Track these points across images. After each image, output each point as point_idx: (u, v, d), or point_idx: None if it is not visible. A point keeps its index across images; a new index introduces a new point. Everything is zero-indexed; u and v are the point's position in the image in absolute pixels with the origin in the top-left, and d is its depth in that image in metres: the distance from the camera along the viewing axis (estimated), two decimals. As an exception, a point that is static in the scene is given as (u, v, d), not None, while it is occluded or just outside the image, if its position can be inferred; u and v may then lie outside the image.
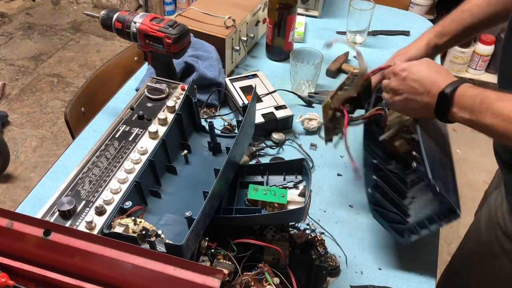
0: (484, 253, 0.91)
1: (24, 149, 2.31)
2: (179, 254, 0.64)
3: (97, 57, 2.91)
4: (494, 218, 0.89)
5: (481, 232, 0.93)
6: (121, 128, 0.87)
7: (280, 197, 0.78)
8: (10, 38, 3.04)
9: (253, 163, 1.04)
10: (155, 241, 0.66)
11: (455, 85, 0.75)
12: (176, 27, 0.99)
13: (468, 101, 0.73)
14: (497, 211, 0.89)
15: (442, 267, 1.04)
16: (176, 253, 0.64)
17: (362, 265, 0.87)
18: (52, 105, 2.56)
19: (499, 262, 0.88)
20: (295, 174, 0.84)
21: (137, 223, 0.69)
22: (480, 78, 2.65)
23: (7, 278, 0.62)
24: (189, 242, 0.65)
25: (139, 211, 0.74)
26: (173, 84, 0.97)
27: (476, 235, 0.95)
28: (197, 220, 0.66)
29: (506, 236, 0.86)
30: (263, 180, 0.86)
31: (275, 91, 1.19)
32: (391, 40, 1.51)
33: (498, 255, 0.88)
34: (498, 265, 0.88)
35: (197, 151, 0.90)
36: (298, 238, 0.85)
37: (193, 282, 0.57)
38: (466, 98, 0.74)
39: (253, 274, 0.72)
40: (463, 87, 0.75)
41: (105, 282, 0.61)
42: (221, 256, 0.73)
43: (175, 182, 0.84)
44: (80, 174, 0.78)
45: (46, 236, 0.60)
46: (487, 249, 0.90)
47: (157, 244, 0.66)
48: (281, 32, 1.33)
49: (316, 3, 1.56)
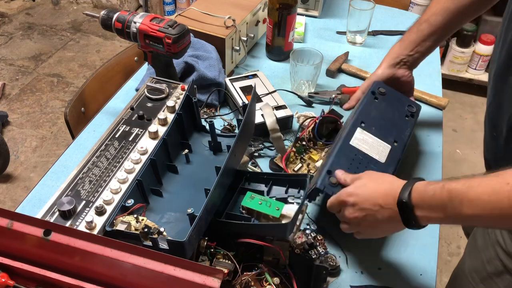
0: (486, 271, 0.88)
1: (24, 149, 2.31)
2: (182, 251, 0.64)
3: (97, 57, 2.91)
4: (491, 235, 0.87)
5: (478, 249, 0.90)
6: (121, 128, 0.87)
7: (274, 209, 0.75)
8: (10, 38, 3.04)
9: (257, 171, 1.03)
10: (158, 238, 0.67)
11: (408, 187, 0.71)
12: (176, 27, 0.99)
13: (434, 200, 0.68)
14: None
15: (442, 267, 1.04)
16: (178, 249, 0.64)
17: (362, 265, 0.87)
18: (52, 105, 2.56)
19: (503, 280, 0.85)
20: (298, 188, 0.82)
21: (139, 221, 0.70)
22: (480, 78, 2.65)
23: (7, 278, 0.62)
24: (191, 238, 0.65)
25: (141, 209, 0.75)
26: (173, 84, 0.98)
27: (475, 252, 0.92)
28: (199, 217, 0.67)
29: (507, 255, 0.83)
30: (264, 189, 0.84)
31: (275, 91, 1.19)
32: (391, 40, 1.51)
33: (501, 272, 0.85)
34: (502, 283, 0.85)
35: (197, 150, 0.90)
36: (298, 238, 0.85)
37: (193, 282, 0.57)
38: (429, 197, 0.68)
39: (253, 274, 0.72)
40: (418, 186, 0.70)
41: (105, 282, 0.61)
42: (220, 256, 0.73)
43: (176, 181, 0.84)
44: (80, 174, 0.78)
45: (46, 236, 0.60)
46: (489, 267, 0.87)
47: (160, 241, 0.67)
48: (281, 32, 1.33)
49: (316, 3, 1.56)
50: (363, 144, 0.91)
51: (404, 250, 0.90)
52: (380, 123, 0.96)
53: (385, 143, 0.93)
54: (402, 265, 0.88)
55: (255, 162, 1.05)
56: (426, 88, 1.30)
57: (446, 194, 0.66)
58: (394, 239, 0.91)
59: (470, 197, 0.64)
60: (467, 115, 2.64)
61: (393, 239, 0.91)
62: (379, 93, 1.01)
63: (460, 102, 2.71)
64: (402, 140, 0.95)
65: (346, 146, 0.89)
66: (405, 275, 0.86)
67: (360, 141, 0.91)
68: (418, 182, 0.71)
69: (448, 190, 0.66)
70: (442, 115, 1.23)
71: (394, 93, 1.03)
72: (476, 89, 2.70)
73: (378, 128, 0.95)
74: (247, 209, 0.77)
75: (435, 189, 0.68)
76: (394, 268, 0.87)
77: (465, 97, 2.74)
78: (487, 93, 0.91)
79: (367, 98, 0.99)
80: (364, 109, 0.97)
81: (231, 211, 0.80)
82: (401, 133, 0.96)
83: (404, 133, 0.96)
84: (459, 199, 0.65)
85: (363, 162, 0.88)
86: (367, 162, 0.88)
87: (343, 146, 0.89)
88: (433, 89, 1.30)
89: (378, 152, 0.91)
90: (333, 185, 0.83)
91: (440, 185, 0.68)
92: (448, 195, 0.66)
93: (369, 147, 0.91)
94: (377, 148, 0.91)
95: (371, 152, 0.90)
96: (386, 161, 0.90)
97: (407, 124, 0.98)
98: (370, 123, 0.95)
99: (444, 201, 0.66)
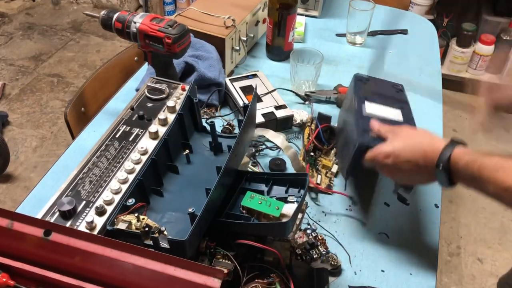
0: None
1: (24, 149, 2.31)
2: (182, 250, 0.64)
3: (97, 57, 2.91)
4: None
5: None
6: (121, 128, 0.87)
7: (274, 209, 0.75)
8: (10, 38, 3.04)
9: (258, 170, 1.04)
10: (158, 237, 0.67)
11: (447, 153, 0.74)
12: (176, 27, 0.99)
13: (465, 171, 0.72)
14: None
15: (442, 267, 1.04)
16: (179, 248, 0.64)
17: (362, 265, 0.87)
18: (52, 105, 2.56)
19: None
20: (298, 187, 0.82)
21: (140, 220, 0.70)
22: (480, 78, 2.64)
23: (8, 278, 0.62)
24: (192, 237, 0.65)
25: (142, 209, 0.75)
26: (173, 84, 0.98)
27: None
28: (200, 216, 0.67)
29: None
30: (264, 189, 0.84)
31: (274, 90, 1.20)
32: (390, 40, 1.51)
33: None
34: None
35: (198, 151, 0.90)
36: (300, 238, 0.85)
37: (193, 282, 0.57)
38: (462, 167, 0.72)
39: (264, 283, 0.72)
40: (456, 153, 0.74)
41: (106, 282, 0.61)
42: (220, 256, 0.72)
43: (177, 181, 0.84)
44: (81, 174, 0.78)
45: (46, 236, 0.60)
46: None
47: (160, 240, 0.67)
48: (281, 32, 1.33)
49: (316, 3, 1.56)
50: (377, 112, 0.92)
51: (404, 250, 0.90)
52: (380, 98, 0.97)
53: (394, 108, 0.95)
54: (402, 265, 0.88)
55: (256, 162, 1.05)
56: (426, 87, 1.30)
57: (477, 169, 0.70)
58: (394, 239, 0.91)
59: (496, 178, 0.67)
60: (467, 115, 2.64)
61: (393, 239, 0.91)
62: (364, 79, 1.03)
63: (460, 102, 2.71)
64: (407, 106, 0.97)
65: (363, 117, 0.90)
66: (405, 275, 0.86)
67: (373, 110, 0.93)
68: (457, 148, 0.74)
69: (479, 166, 0.69)
70: (442, 115, 1.23)
71: (375, 79, 1.06)
72: (476, 89, 2.70)
73: (380, 101, 0.96)
74: (247, 208, 0.77)
75: (469, 161, 0.71)
76: (394, 268, 0.87)
77: (465, 97, 2.74)
78: None
79: (356, 84, 1.00)
80: (359, 91, 0.98)
81: (231, 211, 0.80)
82: (402, 102, 0.98)
83: (405, 101, 0.99)
84: (486, 176, 0.68)
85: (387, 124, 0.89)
86: (389, 123, 0.89)
87: (358, 117, 0.90)
88: (433, 89, 1.30)
89: (393, 115, 0.93)
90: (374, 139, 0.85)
91: (474, 157, 0.71)
92: (478, 170, 0.69)
93: (383, 113, 0.92)
94: (390, 112, 0.93)
95: (387, 115, 0.92)
96: (404, 120, 0.92)
97: (401, 96, 1.01)
98: (372, 98, 0.97)
99: (474, 174, 0.70)
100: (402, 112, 0.95)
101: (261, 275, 0.75)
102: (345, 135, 0.96)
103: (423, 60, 1.42)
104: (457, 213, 2.08)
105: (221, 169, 0.74)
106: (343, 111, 1.09)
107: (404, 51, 1.46)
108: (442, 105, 1.26)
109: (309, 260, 0.84)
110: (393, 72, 1.36)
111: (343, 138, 1.00)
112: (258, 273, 0.76)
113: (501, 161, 0.68)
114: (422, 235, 0.93)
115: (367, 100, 0.95)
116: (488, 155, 0.70)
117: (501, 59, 2.56)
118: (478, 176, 0.69)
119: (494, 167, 0.68)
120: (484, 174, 0.69)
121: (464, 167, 0.72)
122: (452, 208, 2.07)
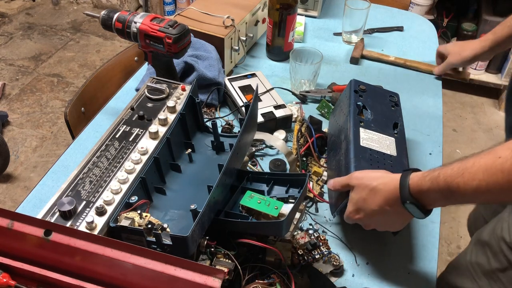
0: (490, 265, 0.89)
1: (24, 149, 2.31)
2: (185, 246, 0.65)
3: (97, 57, 2.91)
4: (497, 231, 0.87)
5: (483, 244, 0.91)
6: (121, 128, 0.87)
7: (273, 208, 0.75)
8: (10, 38, 3.04)
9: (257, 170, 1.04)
10: (161, 234, 0.67)
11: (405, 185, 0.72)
12: (177, 27, 0.99)
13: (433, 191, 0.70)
14: (503, 224, 0.87)
15: (442, 267, 1.03)
16: (181, 245, 0.65)
17: (362, 265, 0.87)
18: (52, 105, 2.56)
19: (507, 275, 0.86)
20: (299, 188, 0.82)
21: (142, 217, 0.70)
22: (480, 78, 2.64)
23: (9, 278, 0.62)
24: (194, 234, 0.65)
25: (145, 206, 0.75)
26: (173, 84, 0.98)
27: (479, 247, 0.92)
28: (202, 212, 0.67)
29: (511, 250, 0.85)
30: (265, 189, 0.84)
31: (272, 88, 1.20)
32: (387, 37, 1.51)
33: (505, 268, 0.86)
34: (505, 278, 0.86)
35: (200, 150, 0.91)
36: (301, 238, 0.85)
37: (194, 282, 0.57)
38: (427, 190, 0.70)
39: (264, 283, 0.72)
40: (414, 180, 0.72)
41: (106, 282, 0.61)
42: (221, 255, 0.73)
43: (180, 180, 0.84)
44: (81, 174, 0.78)
45: (46, 236, 0.61)
46: (494, 262, 0.88)
47: (163, 237, 0.67)
48: (281, 32, 1.33)
49: (315, 3, 1.56)
50: (371, 142, 0.92)
51: (405, 250, 0.90)
52: (375, 119, 0.97)
53: (388, 136, 0.94)
54: (402, 266, 0.88)
55: (255, 161, 1.06)
56: (426, 87, 1.30)
57: (443, 183, 0.68)
58: (394, 239, 0.91)
59: (466, 179, 0.65)
60: (467, 115, 2.64)
61: (393, 239, 0.91)
62: (360, 90, 1.02)
63: (460, 102, 2.71)
64: (401, 130, 0.97)
65: (359, 148, 0.89)
66: (405, 275, 0.86)
67: (368, 140, 0.92)
68: (413, 176, 0.73)
69: (444, 178, 0.68)
70: (442, 114, 1.23)
71: (372, 87, 1.05)
72: (476, 89, 2.70)
73: (375, 124, 0.96)
74: (246, 208, 0.77)
75: (431, 180, 0.70)
76: (394, 268, 0.87)
77: (465, 97, 2.74)
78: None
79: (353, 98, 0.99)
80: (355, 109, 0.97)
81: (230, 210, 0.80)
82: (396, 124, 0.98)
83: (399, 122, 0.99)
84: (456, 183, 0.66)
85: (380, 160, 0.89)
86: (383, 159, 0.89)
87: (356, 148, 0.89)
88: (433, 89, 1.30)
89: (387, 147, 0.92)
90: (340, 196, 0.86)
91: (435, 174, 0.69)
92: (445, 183, 0.68)
93: (377, 144, 0.92)
94: (384, 143, 0.92)
95: (381, 148, 0.91)
96: (397, 153, 0.91)
97: (396, 114, 1.01)
98: (367, 121, 0.96)
99: (442, 189, 0.68)
100: (395, 141, 0.93)
101: (261, 276, 0.75)
102: (337, 159, 0.94)
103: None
104: (457, 213, 2.08)
105: (223, 167, 0.74)
106: (336, 119, 1.06)
107: (404, 51, 1.46)
108: (442, 105, 1.26)
109: (311, 261, 0.84)
110: (392, 73, 1.36)
111: (333, 155, 0.99)
112: (258, 273, 0.76)
113: (460, 164, 0.67)
114: (422, 235, 0.93)
115: (362, 126, 0.94)
116: (445, 166, 0.69)
117: (500, 59, 2.56)
118: (447, 189, 0.67)
119: (457, 172, 0.66)
120: (452, 184, 0.66)
121: (429, 188, 0.70)
122: (452, 208, 2.07)
